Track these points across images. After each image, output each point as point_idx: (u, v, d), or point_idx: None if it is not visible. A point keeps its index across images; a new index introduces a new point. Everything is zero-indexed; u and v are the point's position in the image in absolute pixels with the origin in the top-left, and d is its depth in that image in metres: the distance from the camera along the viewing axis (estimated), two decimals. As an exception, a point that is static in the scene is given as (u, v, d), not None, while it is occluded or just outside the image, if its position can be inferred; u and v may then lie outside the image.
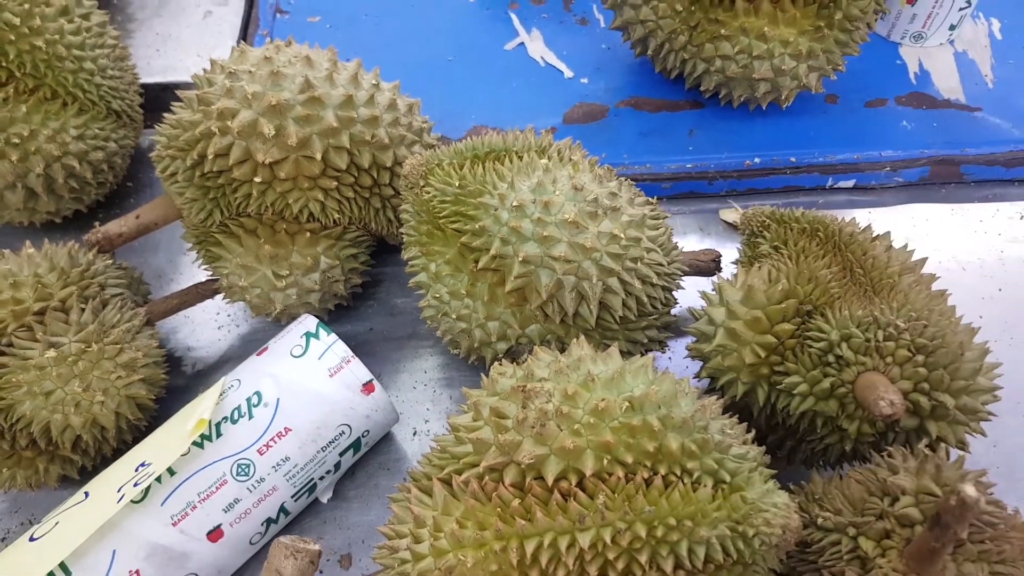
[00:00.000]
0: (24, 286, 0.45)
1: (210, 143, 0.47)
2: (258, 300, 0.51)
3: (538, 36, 0.69)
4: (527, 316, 0.46)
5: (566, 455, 0.37)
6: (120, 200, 0.63)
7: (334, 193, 0.50)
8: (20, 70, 0.52)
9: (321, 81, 0.48)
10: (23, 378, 0.43)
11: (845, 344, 0.41)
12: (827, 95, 0.65)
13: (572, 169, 0.46)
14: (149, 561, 0.41)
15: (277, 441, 0.44)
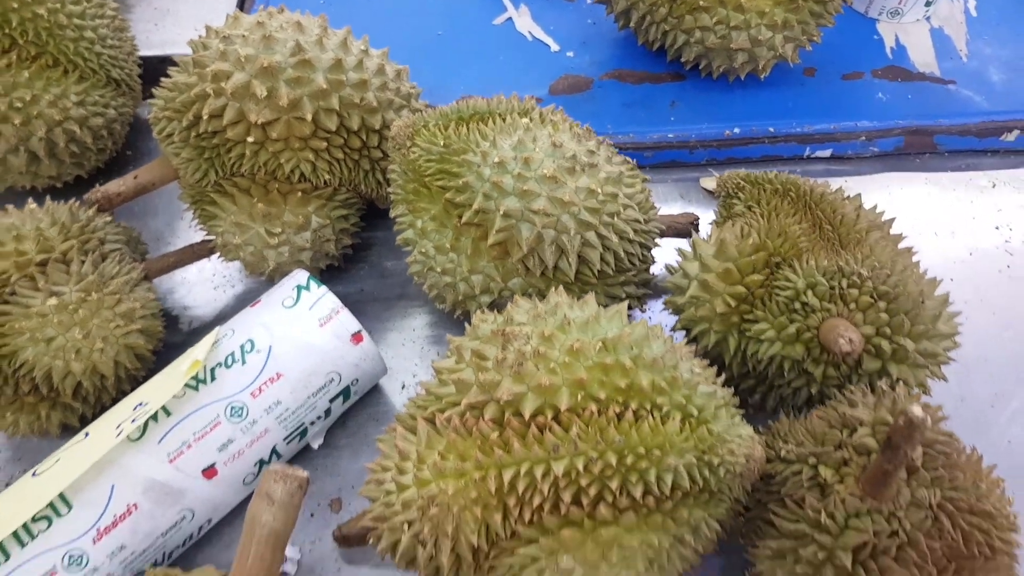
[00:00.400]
0: (27, 239, 0.46)
1: (205, 104, 0.49)
2: (252, 258, 0.53)
3: (525, 11, 0.71)
4: (509, 270, 0.48)
5: (542, 392, 0.39)
6: (119, 168, 0.65)
7: (324, 154, 0.51)
8: (23, 37, 0.54)
9: (311, 45, 0.50)
10: (26, 325, 0.45)
11: (811, 292, 0.43)
12: (805, 68, 0.66)
13: (552, 129, 0.48)
14: (146, 496, 0.42)
15: (269, 386, 0.46)
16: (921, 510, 0.36)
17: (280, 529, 0.35)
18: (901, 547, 0.36)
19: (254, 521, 0.35)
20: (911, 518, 0.36)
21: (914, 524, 0.36)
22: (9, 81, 0.53)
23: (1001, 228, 0.62)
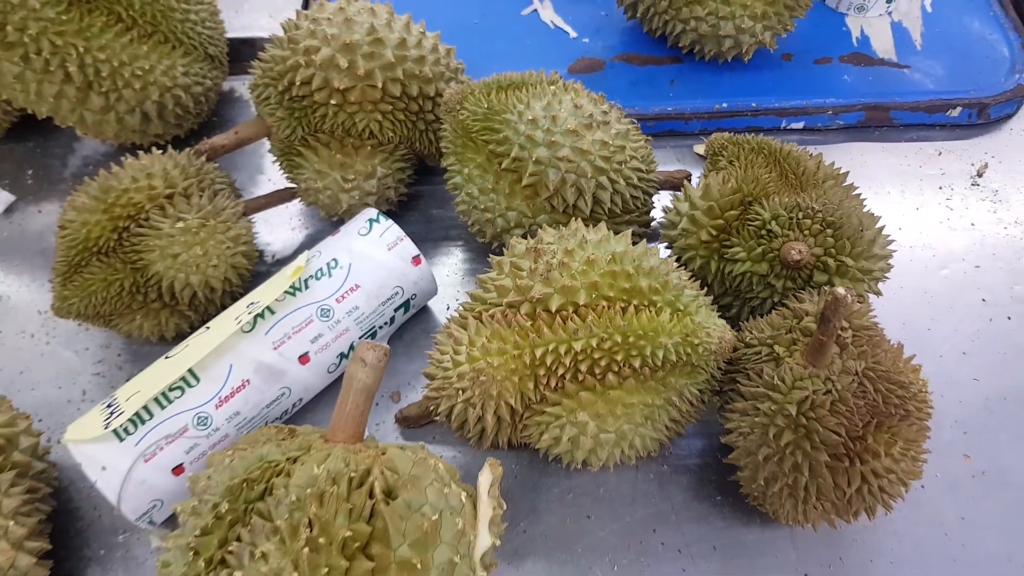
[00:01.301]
0: (156, 176, 0.58)
1: (297, 73, 0.60)
2: (328, 200, 0.64)
3: (548, 4, 0.82)
4: (538, 207, 0.59)
5: (565, 292, 0.51)
6: (208, 131, 0.76)
7: (389, 116, 0.63)
8: (142, 18, 0.65)
9: (382, 27, 0.61)
10: (156, 243, 0.57)
11: (775, 222, 0.54)
12: (783, 53, 0.77)
13: (574, 95, 0.59)
14: (257, 374, 0.54)
15: (349, 294, 0.57)
16: (849, 376, 0.47)
17: (371, 384, 0.47)
18: (834, 402, 0.47)
19: (352, 378, 0.47)
20: (842, 381, 0.47)
21: (844, 386, 0.47)
22: (132, 53, 0.64)
23: (944, 188, 0.73)
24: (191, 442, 0.51)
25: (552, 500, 0.57)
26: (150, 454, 0.50)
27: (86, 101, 0.65)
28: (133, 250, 0.57)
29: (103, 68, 0.63)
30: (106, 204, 0.57)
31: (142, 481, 0.50)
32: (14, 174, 0.74)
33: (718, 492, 0.58)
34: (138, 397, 0.51)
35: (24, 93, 0.64)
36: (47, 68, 0.62)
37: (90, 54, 0.62)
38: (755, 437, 0.49)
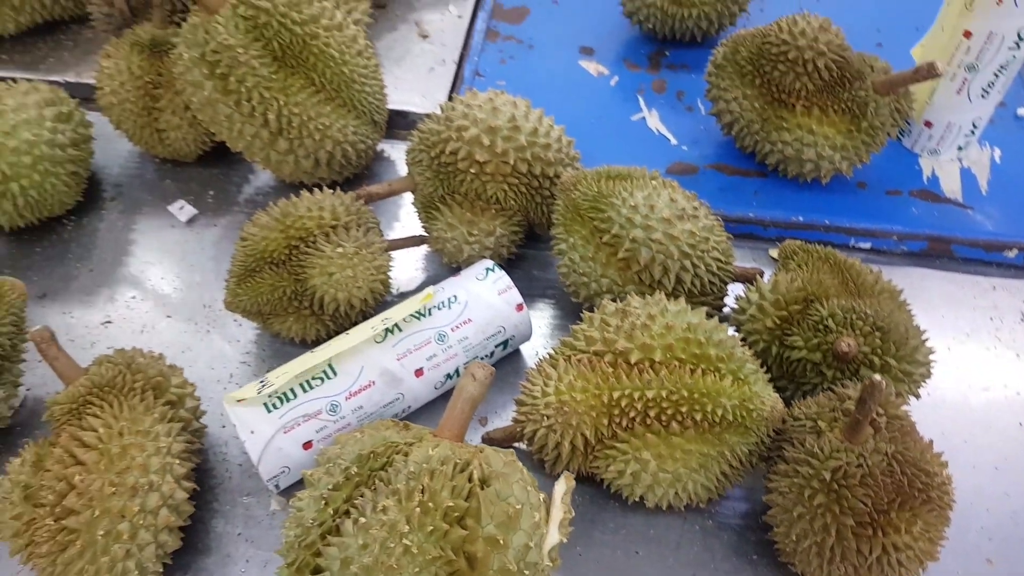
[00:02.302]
0: (326, 209, 0.70)
1: (447, 144, 0.72)
2: (452, 249, 0.75)
3: (655, 114, 0.93)
4: (628, 278, 0.68)
5: (644, 348, 0.59)
6: (360, 181, 0.88)
7: (514, 188, 0.74)
8: (330, 85, 0.78)
9: (520, 117, 0.72)
10: (318, 262, 0.68)
11: (831, 319, 0.62)
12: (859, 181, 0.86)
13: (671, 190, 0.69)
14: (381, 377, 0.64)
15: (462, 326, 0.67)
16: (880, 455, 0.54)
17: (476, 396, 0.56)
18: (864, 476, 0.53)
19: (462, 388, 0.56)
20: (873, 458, 0.54)
21: (874, 463, 0.53)
22: (317, 111, 0.77)
23: (994, 320, 0.79)
24: (322, 424, 0.61)
25: (607, 532, 0.64)
26: (289, 427, 0.60)
27: (274, 143, 0.78)
28: (299, 265, 0.68)
29: (294, 119, 0.76)
30: (284, 225, 0.68)
31: (279, 448, 0.60)
32: (199, 192, 0.88)
33: (755, 552, 0.63)
34: (288, 378, 0.61)
35: (228, 130, 0.78)
36: (252, 113, 0.75)
37: (287, 107, 0.75)
38: (792, 496, 0.56)
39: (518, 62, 1.00)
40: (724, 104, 0.82)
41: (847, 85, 0.76)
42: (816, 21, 0.76)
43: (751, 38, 0.79)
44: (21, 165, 0.75)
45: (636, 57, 1.01)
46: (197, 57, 0.73)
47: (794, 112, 0.78)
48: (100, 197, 0.88)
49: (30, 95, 0.78)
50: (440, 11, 1.06)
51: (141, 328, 0.76)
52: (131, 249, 0.83)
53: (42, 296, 0.79)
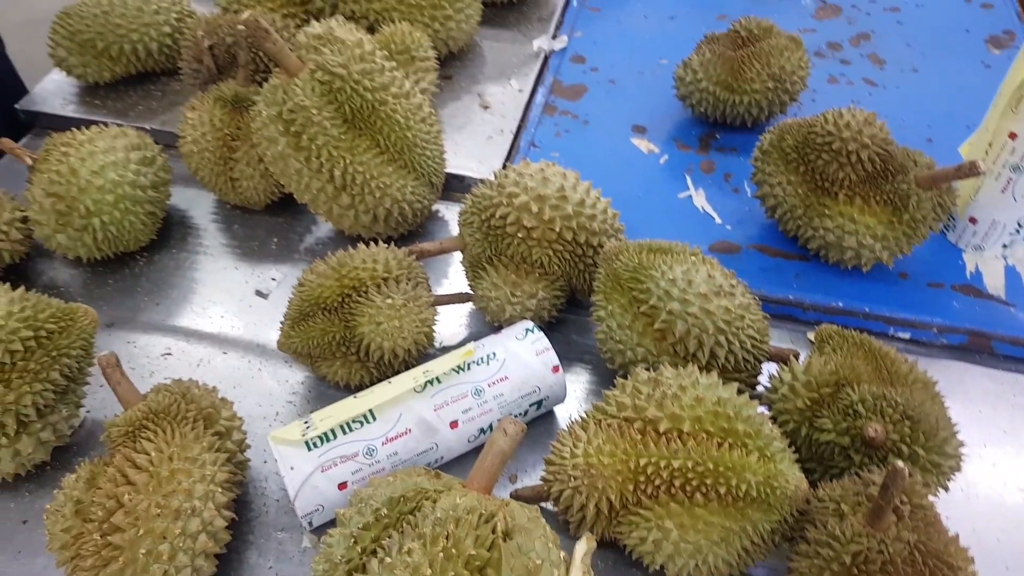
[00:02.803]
0: (379, 262, 0.74)
1: (498, 209, 0.76)
2: (495, 308, 0.78)
3: (702, 193, 0.96)
4: (663, 349, 0.70)
5: (673, 418, 0.60)
6: (413, 239, 0.93)
7: (559, 254, 0.77)
8: (393, 148, 0.83)
9: (569, 188, 0.76)
10: (368, 311, 0.71)
11: (861, 404, 0.63)
12: (901, 272, 0.87)
13: (709, 267, 0.71)
14: (417, 426, 0.66)
15: (499, 383, 0.69)
16: (902, 544, 0.54)
17: (507, 450, 0.58)
18: (884, 563, 0.53)
19: (493, 442, 0.58)
20: (894, 546, 0.54)
21: (895, 551, 0.53)
22: (380, 171, 0.82)
23: (1034, 419, 0.78)
24: (358, 466, 0.64)
25: (625, 599, 0.65)
26: (327, 466, 0.63)
27: (338, 198, 0.83)
28: (349, 312, 0.72)
29: (357, 177, 0.81)
30: (339, 274, 0.73)
31: (316, 486, 0.62)
32: (263, 239, 0.93)
33: (773, 632, 0.63)
34: (330, 420, 0.64)
35: (296, 183, 0.83)
36: (320, 169, 0.80)
37: (352, 166, 0.80)
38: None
39: (572, 136, 1.05)
40: (768, 188, 0.85)
41: (890, 177, 0.78)
42: (861, 115, 0.79)
43: (797, 127, 0.82)
44: (104, 202, 0.81)
45: (687, 138, 1.04)
46: (275, 115, 0.79)
47: (836, 200, 0.80)
48: (173, 236, 0.94)
49: (119, 139, 0.84)
50: (502, 84, 1.12)
51: (198, 362, 0.81)
52: (197, 288, 0.88)
53: (110, 325, 0.84)
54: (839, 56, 1.18)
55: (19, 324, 0.63)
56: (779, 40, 0.98)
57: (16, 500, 0.70)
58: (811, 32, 1.23)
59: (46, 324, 0.65)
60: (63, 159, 0.81)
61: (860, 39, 1.22)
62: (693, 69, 1.01)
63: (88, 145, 0.82)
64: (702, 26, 1.24)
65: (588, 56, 1.19)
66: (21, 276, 0.89)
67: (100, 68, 1.05)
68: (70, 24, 1.02)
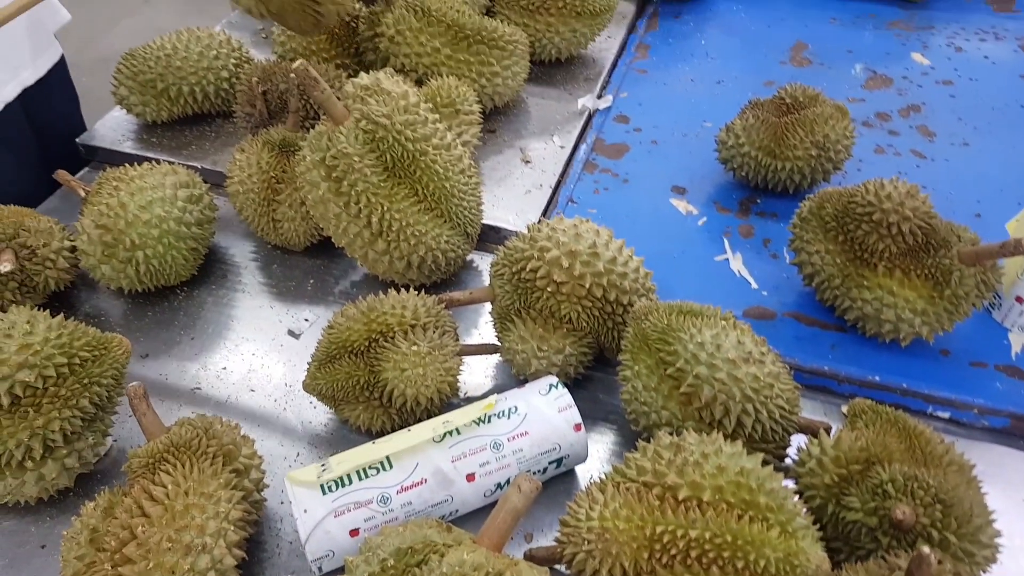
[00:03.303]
0: (408, 309, 0.75)
1: (529, 262, 0.76)
2: (521, 361, 0.78)
3: (739, 257, 0.95)
4: (688, 414, 0.69)
5: (693, 487, 0.59)
6: (446, 286, 0.94)
7: (588, 310, 0.77)
8: (431, 197, 0.85)
9: (601, 245, 0.76)
10: (393, 357, 0.72)
11: (891, 484, 0.61)
12: (942, 349, 0.84)
13: (739, 332, 0.70)
14: (433, 477, 0.66)
15: (519, 437, 0.69)
16: (929, 636, 0.51)
17: (520, 508, 0.57)
18: (909, 656, 0.51)
19: (507, 499, 0.57)
20: (921, 638, 0.51)
21: (922, 643, 0.51)
22: (416, 219, 0.84)
23: (1081, 512, 0.74)
24: (371, 513, 0.64)
25: (636, 672, 0.62)
26: (340, 511, 0.63)
27: (374, 244, 0.84)
28: (375, 357, 0.72)
29: (394, 224, 0.83)
30: (368, 319, 0.74)
31: (327, 531, 0.62)
32: (300, 280, 0.95)
33: None
34: (346, 465, 0.65)
35: (335, 227, 0.85)
36: (358, 214, 0.82)
37: (389, 212, 0.82)
38: (831, 666, 0.54)
39: (611, 193, 1.06)
40: (806, 256, 0.84)
41: (931, 252, 0.77)
42: (904, 187, 0.78)
43: (837, 196, 0.82)
44: (149, 236, 0.84)
45: (727, 201, 1.04)
46: (318, 160, 0.82)
47: (875, 272, 0.79)
48: (213, 273, 0.96)
49: (169, 176, 0.88)
50: (545, 140, 1.14)
51: (226, 398, 0.82)
52: (232, 324, 0.90)
53: (145, 356, 0.86)
54: (888, 126, 1.18)
55: (54, 351, 0.66)
56: (824, 108, 0.98)
57: (37, 524, 0.71)
58: (860, 102, 1.23)
59: (80, 352, 0.68)
60: (114, 193, 0.84)
61: (910, 110, 1.21)
62: (735, 133, 1.01)
63: (138, 180, 0.85)
64: (749, 91, 1.25)
65: (632, 116, 1.20)
66: (65, 304, 0.92)
67: (159, 107, 1.10)
68: (133, 64, 1.08)
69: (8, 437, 0.64)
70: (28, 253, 0.83)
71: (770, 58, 1.34)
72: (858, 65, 1.32)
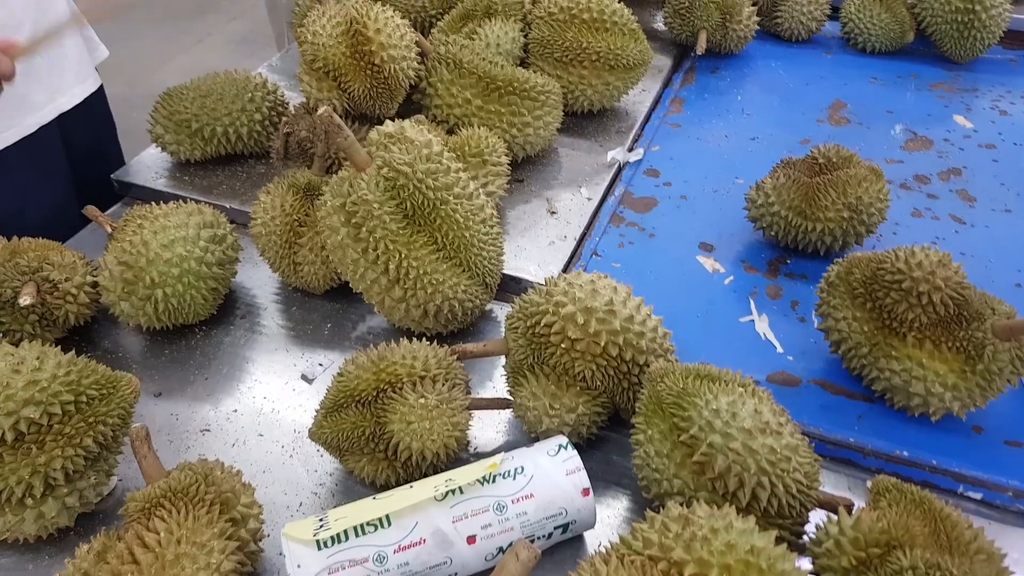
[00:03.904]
0: (419, 360, 0.74)
1: (544, 317, 0.75)
2: (532, 418, 0.77)
3: (765, 319, 0.93)
4: (701, 484, 0.67)
5: (701, 563, 0.57)
6: (464, 336, 0.93)
7: (602, 369, 0.75)
8: (451, 246, 0.85)
9: (619, 303, 0.75)
10: (400, 409, 0.71)
11: (911, 572, 0.57)
12: (975, 425, 0.81)
13: (757, 401, 0.68)
14: (433, 537, 0.64)
15: (523, 500, 0.67)
16: None
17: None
18: None
19: (503, 566, 0.55)
20: None
21: None
22: (434, 267, 0.84)
23: None
24: (366, 572, 0.62)
25: None
26: (335, 568, 0.62)
27: (391, 291, 0.84)
28: (382, 408, 0.72)
29: (412, 272, 0.83)
30: (378, 368, 0.73)
31: (320, 587, 0.61)
32: (317, 323, 0.96)
33: None
34: (344, 521, 0.63)
35: (352, 272, 0.85)
36: (376, 261, 0.82)
37: (407, 260, 0.82)
38: None
39: (636, 248, 1.05)
40: (833, 322, 0.82)
41: (964, 324, 0.74)
42: (936, 255, 0.76)
43: (867, 262, 0.80)
44: (169, 275, 0.85)
45: (755, 260, 1.03)
46: (339, 205, 0.83)
47: (905, 342, 0.76)
48: (233, 313, 0.97)
49: (193, 216, 0.89)
50: (572, 191, 1.14)
51: (234, 441, 0.82)
52: (246, 366, 0.90)
53: (158, 395, 0.87)
54: (926, 190, 1.15)
55: (61, 388, 0.66)
56: (858, 170, 0.97)
57: (35, 563, 0.71)
58: (898, 163, 1.21)
59: (88, 390, 0.68)
60: (138, 231, 0.86)
61: (950, 174, 1.19)
62: (765, 192, 1.00)
63: (163, 219, 0.87)
64: (784, 150, 1.25)
65: (662, 170, 1.20)
66: (85, 338, 0.93)
67: (192, 147, 1.13)
68: (170, 104, 1.11)
69: (9, 473, 0.64)
70: (50, 287, 0.84)
71: (807, 116, 1.33)
72: (898, 126, 1.30)
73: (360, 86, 0.99)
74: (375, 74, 0.99)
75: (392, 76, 1.00)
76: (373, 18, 0.98)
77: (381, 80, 1.00)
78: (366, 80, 0.99)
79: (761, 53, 1.52)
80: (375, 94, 1.00)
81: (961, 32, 1.39)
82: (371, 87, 1.00)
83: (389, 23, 0.99)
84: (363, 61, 0.98)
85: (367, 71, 0.99)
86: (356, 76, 0.99)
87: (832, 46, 1.54)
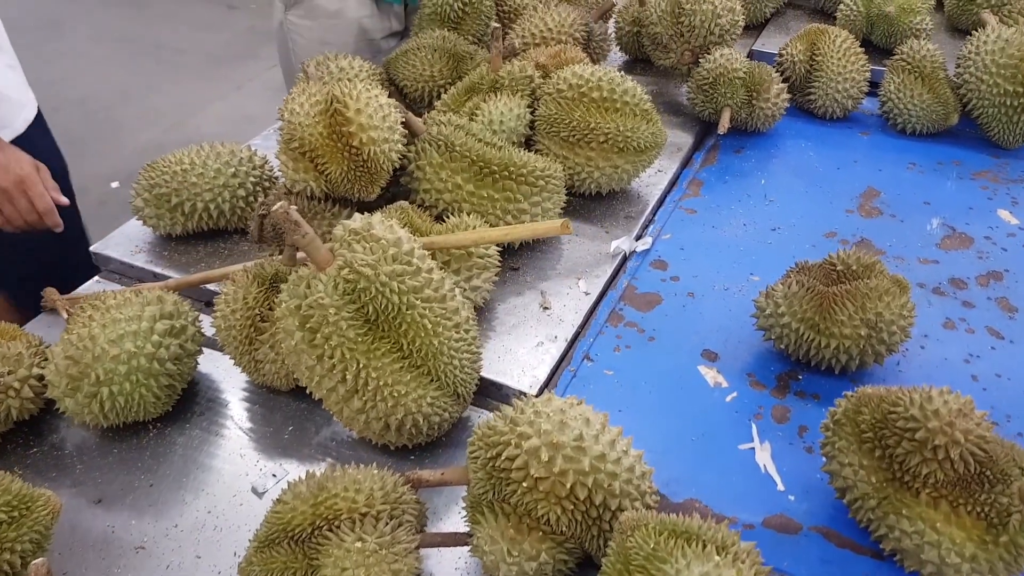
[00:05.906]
0: (362, 492, 0.68)
1: (506, 449, 0.69)
2: (490, 563, 0.70)
3: (767, 448, 0.85)
4: (666, 665, 0.59)
5: None
6: (431, 451, 0.87)
7: (569, 513, 0.68)
8: (418, 353, 0.79)
9: (590, 437, 0.69)
10: (335, 552, 0.65)
11: None
12: (1003, 595, 0.72)
13: (736, 572, 0.61)
14: None
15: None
16: None
17: None
18: None
19: None
20: None
21: None
22: (397, 378, 0.78)
23: None
24: None
25: None
26: None
27: (349, 401, 0.79)
28: (315, 548, 0.66)
29: (371, 383, 0.77)
30: (316, 500, 0.68)
31: None
32: (279, 425, 0.91)
33: None
34: None
35: (308, 379, 0.81)
36: (332, 369, 0.78)
37: (366, 369, 0.77)
38: None
39: (633, 352, 0.98)
40: (838, 467, 0.74)
41: (986, 486, 0.66)
42: (956, 401, 0.68)
43: (877, 400, 0.72)
44: (116, 373, 0.82)
45: (763, 374, 0.95)
46: (294, 307, 0.78)
47: (918, 500, 0.68)
48: (192, 408, 0.93)
49: (149, 307, 0.86)
50: (570, 283, 1.08)
51: (168, 564, 0.77)
52: (196, 473, 0.86)
53: (98, 501, 0.83)
54: (962, 296, 1.07)
55: (-40, 515, 0.62)
56: (880, 281, 0.90)
57: None
58: (932, 263, 1.13)
59: (-5, 514, 0.64)
60: (87, 323, 0.83)
61: (990, 278, 1.10)
62: (776, 300, 0.93)
63: (115, 311, 0.84)
64: (806, 243, 1.18)
65: (671, 262, 1.14)
66: (33, 431, 0.90)
67: (173, 222, 1.11)
68: (151, 177, 1.09)
69: None
70: (-8, 380, 0.81)
71: (836, 205, 1.26)
72: (935, 219, 1.22)
73: (337, 168, 0.96)
74: (353, 156, 0.95)
75: (372, 159, 0.96)
76: (355, 97, 0.95)
77: (360, 163, 0.96)
78: (344, 162, 0.96)
79: (791, 131, 1.45)
80: (354, 177, 0.97)
81: (1010, 116, 1.31)
82: (349, 170, 0.96)
83: (372, 103, 0.96)
84: (341, 142, 0.95)
85: (344, 153, 0.95)
86: (333, 158, 0.96)
87: (869, 125, 1.47)
